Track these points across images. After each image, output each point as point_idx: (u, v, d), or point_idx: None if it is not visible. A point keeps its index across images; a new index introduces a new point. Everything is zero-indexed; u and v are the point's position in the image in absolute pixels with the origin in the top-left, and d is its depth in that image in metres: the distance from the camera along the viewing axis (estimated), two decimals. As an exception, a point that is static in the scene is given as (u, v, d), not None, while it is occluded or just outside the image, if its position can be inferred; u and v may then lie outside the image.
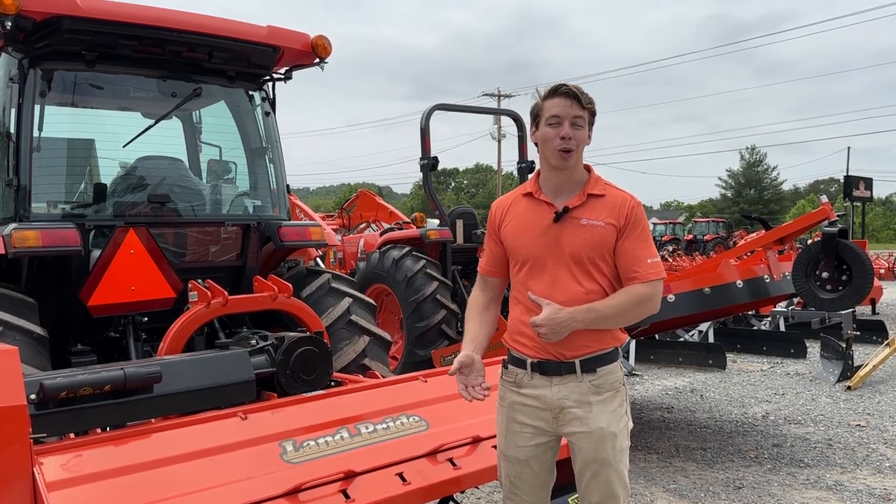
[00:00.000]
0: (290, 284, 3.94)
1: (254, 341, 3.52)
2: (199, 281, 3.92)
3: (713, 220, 47.23)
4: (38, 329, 3.61)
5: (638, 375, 9.03)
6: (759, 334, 10.97)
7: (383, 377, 4.18)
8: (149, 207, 4.16)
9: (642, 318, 2.66)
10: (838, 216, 9.20)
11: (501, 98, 48.94)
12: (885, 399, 7.65)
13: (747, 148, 76.43)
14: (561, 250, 2.60)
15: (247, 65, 4.48)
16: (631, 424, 2.73)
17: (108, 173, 4.34)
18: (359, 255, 9.91)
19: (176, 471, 2.75)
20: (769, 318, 11.54)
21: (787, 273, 5.37)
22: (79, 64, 4.02)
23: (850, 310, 9.12)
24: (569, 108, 2.54)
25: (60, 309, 4.03)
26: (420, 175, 7.93)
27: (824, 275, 4.95)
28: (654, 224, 54.95)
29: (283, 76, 4.73)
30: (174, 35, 4.08)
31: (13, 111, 3.93)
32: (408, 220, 10.32)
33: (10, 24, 3.60)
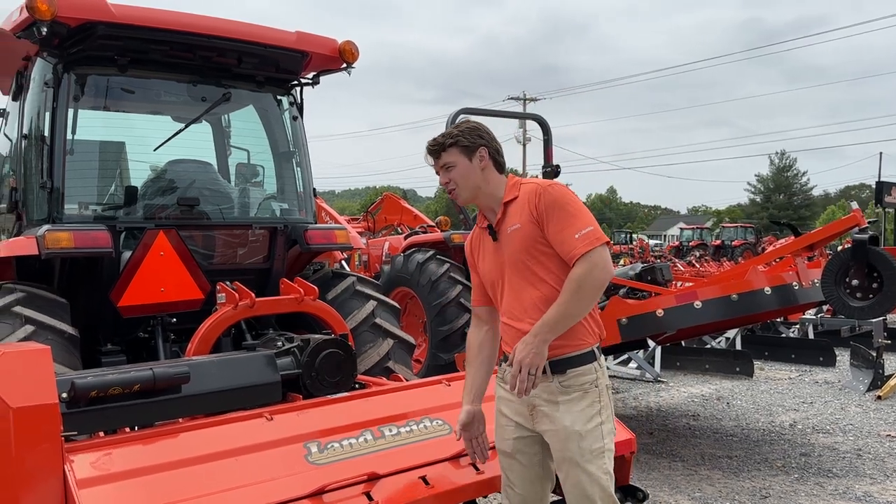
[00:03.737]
0: (315, 287, 3.98)
1: (280, 343, 3.56)
2: (227, 283, 3.97)
3: (741, 226, 46.72)
4: (69, 329, 3.68)
5: (664, 382, 8.96)
6: (788, 342, 10.83)
7: (407, 380, 4.20)
8: (178, 210, 4.22)
9: (599, 292, 2.65)
10: (869, 223, 9.06)
11: (527, 101, 48.90)
12: (916, 409, 7.52)
13: (777, 153, 75.53)
14: (506, 264, 2.73)
15: (275, 70, 4.53)
16: (610, 427, 2.74)
17: (138, 176, 4.42)
18: (383, 258, 9.94)
19: (203, 470, 2.79)
20: (798, 326, 11.39)
21: (816, 280, 5.30)
22: (111, 68, 4.10)
23: (882, 318, 9.01)
24: (437, 162, 2.78)
25: (91, 309, 4.10)
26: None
27: (854, 282, 4.88)
28: (682, 229, 54.53)
29: (310, 81, 4.78)
30: (204, 40, 4.14)
31: (48, 115, 4.00)
32: (432, 223, 10.34)
33: (45, 30, 3.68)
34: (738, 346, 10.38)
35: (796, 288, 5.26)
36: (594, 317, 2.75)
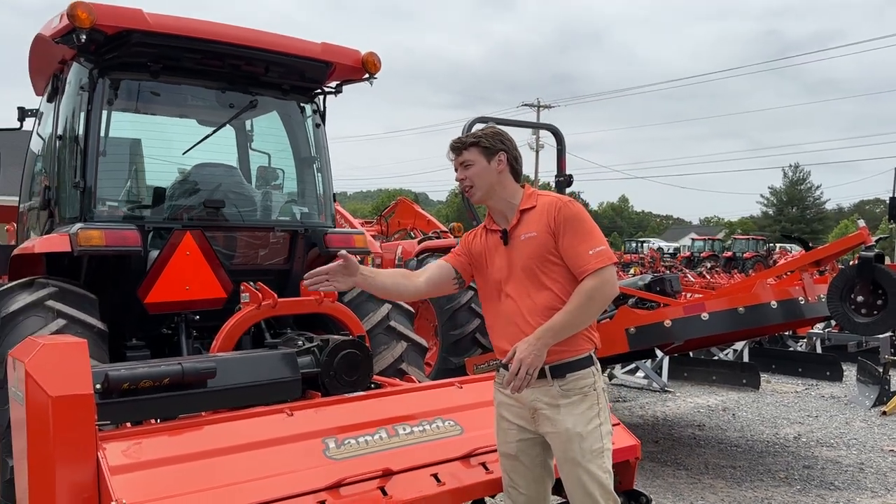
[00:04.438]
0: (334, 290, 4.12)
1: (300, 342, 3.70)
2: (251, 283, 4.11)
3: (753, 238, 46.59)
4: (98, 324, 3.84)
5: (670, 392, 9.06)
6: (795, 355, 10.90)
7: (419, 382, 4.34)
8: (204, 212, 4.38)
9: (605, 306, 2.84)
10: (880, 239, 9.15)
11: (541, 108, 49.01)
12: (920, 426, 7.59)
13: (790, 166, 75.31)
14: (515, 268, 2.85)
15: (300, 79, 4.69)
16: (608, 428, 2.86)
17: (166, 178, 4.57)
18: (396, 262, 10.08)
19: (227, 461, 2.93)
20: (805, 340, 11.46)
21: (821, 295, 5.40)
22: (144, 74, 4.26)
23: (888, 334, 9.09)
24: (456, 158, 2.93)
25: (117, 305, 4.25)
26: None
27: (859, 298, 4.98)
28: (693, 240, 54.36)
29: (333, 90, 4.93)
30: (234, 49, 4.29)
31: (82, 117, 4.16)
32: (445, 229, 10.47)
33: (84, 37, 3.84)
34: (746, 359, 10.46)
35: (802, 302, 5.37)
36: (591, 325, 2.89)
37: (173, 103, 4.61)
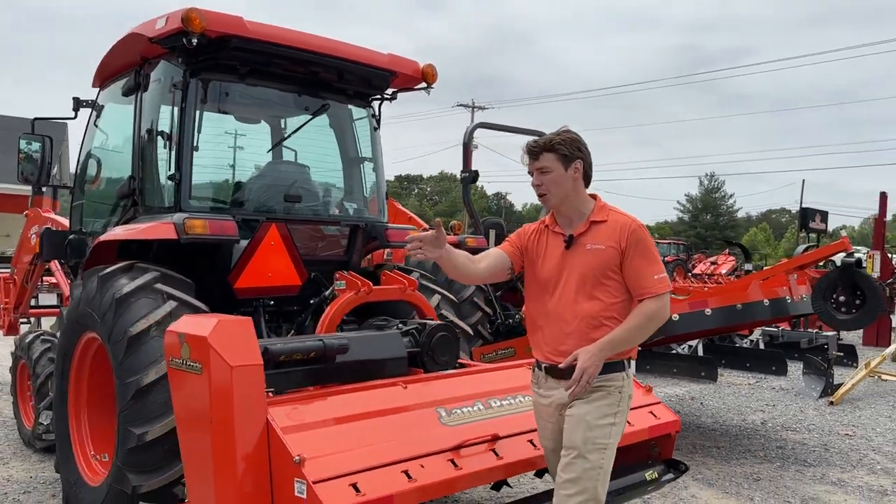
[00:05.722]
0: (415, 279, 4.56)
1: (395, 326, 4.13)
2: (345, 272, 4.49)
3: (673, 242, 48.60)
4: (202, 305, 4.15)
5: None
6: (743, 351, 11.82)
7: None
8: (283, 205, 4.73)
9: (658, 327, 2.95)
10: (810, 246, 10.07)
11: (475, 109, 49.87)
12: (864, 413, 8.53)
13: (706, 175, 78.80)
14: (572, 273, 2.95)
15: (367, 86, 5.09)
16: (619, 430, 2.98)
17: (249, 173, 4.89)
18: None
19: (367, 424, 3.37)
20: (750, 338, 12.44)
21: (804, 295, 6.16)
22: (233, 76, 4.58)
23: (835, 333, 10.08)
24: (533, 163, 3.00)
25: (203, 289, 4.56)
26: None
27: (841, 298, 5.74)
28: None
29: (389, 97, 5.35)
30: (316, 57, 4.66)
31: (176, 114, 4.45)
32: (427, 226, 10.90)
33: (195, 40, 4.15)
34: (701, 353, 11.31)
35: (788, 301, 6.11)
36: None
37: (254, 104, 4.94)
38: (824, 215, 20.54)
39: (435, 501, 4.29)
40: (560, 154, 2.95)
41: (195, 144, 4.46)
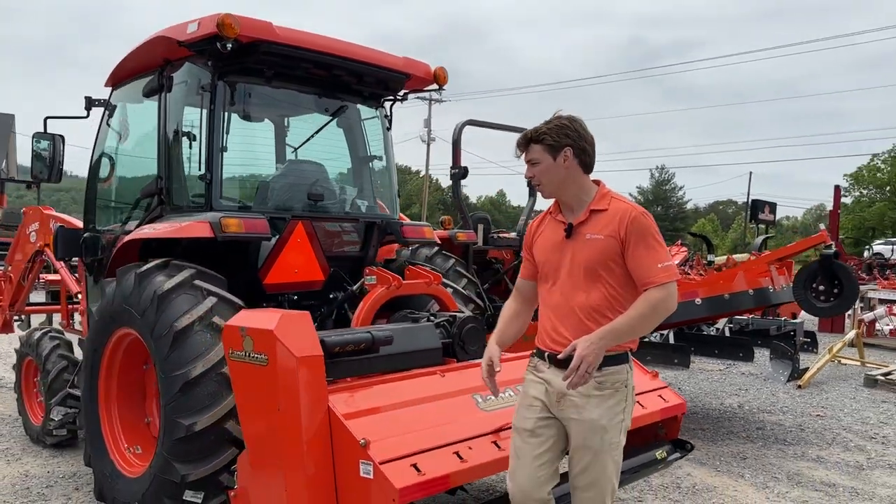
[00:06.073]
0: (439, 273, 4.79)
1: (426, 319, 4.35)
2: (374, 267, 4.69)
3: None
4: (239, 301, 4.30)
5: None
6: (712, 339, 12.31)
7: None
8: (307, 203, 4.91)
9: (664, 318, 2.82)
10: (767, 238, 10.56)
11: (433, 102, 50.06)
12: (831, 395, 9.06)
13: (657, 167, 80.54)
14: (573, 263, 2.88)
15: (383, 88, 5.28)
16: (628, 423, 2.96)
17: (272, 172, 5.05)
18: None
19: (416, 410, 3.60)
20: (716, 326, 12.94)
21: (784, 285, 6.57)
22: (259, 79, 4.73)
23: (802, 322, 10.61)
24: (524, 156, 2.95)
25: (232, 285, 4.71)
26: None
27: (821, 288, 6.16)
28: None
29: (401, 98, 5.55)
30: (338, 60, 4.83)
31: (204, 115, 4.58)
32: (409, 221, 11.08)
33: (230, 45, 4.30)
34: (672, 341, 11.76)
35: (771, 291, 6.51)
36: None
37: (277, 106, 5.09)
38: (773, 206, 21.35)
39: (435, 499, 4.51)
40: (546, 144, 2.87)
41: (224, 145, 4.60)
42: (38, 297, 8.29)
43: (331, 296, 5.04)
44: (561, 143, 2.85)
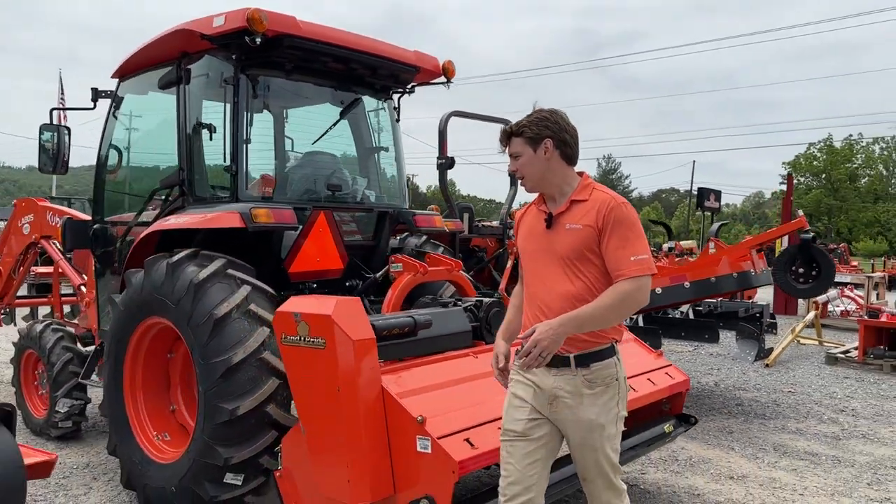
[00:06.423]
0: (460, 261, 4.98)
1: (451, 304, 4.54)
2: (408, 255, 4.85)
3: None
4: (270, 289, 4.42)
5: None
6: (677, 321, 12.77)
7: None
8: (326, 193, 5.03)
9: (633, 311, 2.82)
10: (722, 224, 11.02)
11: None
12: (798, 373, 9.56)
13: (604, 157, 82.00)
14: (553, 253, 2.86)
15: (395, 80, 5.43)
16: (624, 413, 2.93)
17: (294, 164, 5.15)
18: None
19: (458, 389, 3.80)
20: (681, 309, 13.42)
21: (764, 269, 6.95)
22: (280, 73, 4.83)
23: (767, 304, 11.10)
24: (507, 149, 2.95)
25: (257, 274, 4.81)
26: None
27: (800, 270, 6.55)
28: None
29: (409, 90, 5.71)
30: (355, 54, 4.96)
31: (228, 109, 4.66)
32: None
33: (259, 40, 4.39)
34: (641, 324, 12.18)
35: (752, 274, 6.88)
36: None
37: (296, 98, 5.19)
38: (718, 194, 22.07)
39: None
40: (526, 137, 2.86)
41: (248, 137, 4.69)
42: (20, 290, 8.19)
43: (347, 283, 5.18)
44: (541, 135, 2.84)
